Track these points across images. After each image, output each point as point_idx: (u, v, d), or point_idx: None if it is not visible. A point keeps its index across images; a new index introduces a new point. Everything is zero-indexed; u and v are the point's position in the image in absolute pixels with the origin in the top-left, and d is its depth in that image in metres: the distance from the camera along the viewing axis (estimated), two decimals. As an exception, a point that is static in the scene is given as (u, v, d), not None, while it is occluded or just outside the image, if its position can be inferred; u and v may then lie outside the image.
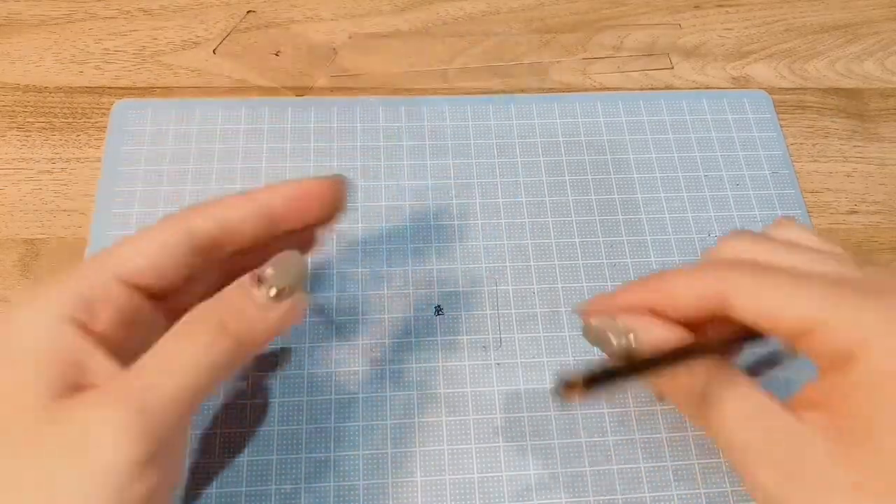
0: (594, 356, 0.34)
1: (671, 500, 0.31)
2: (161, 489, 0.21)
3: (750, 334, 0.23)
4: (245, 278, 0.23)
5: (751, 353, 0.25)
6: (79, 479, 0.19)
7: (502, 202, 0.38)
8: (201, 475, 0.30)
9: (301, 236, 0.27)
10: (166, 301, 0.24)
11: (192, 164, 0.38)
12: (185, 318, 0.22)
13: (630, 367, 0.22)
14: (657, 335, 0.24)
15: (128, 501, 0.19)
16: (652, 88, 0.43)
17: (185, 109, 0.39)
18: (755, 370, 0.27)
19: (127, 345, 0.22)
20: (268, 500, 0.30)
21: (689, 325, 0.24)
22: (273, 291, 0.23)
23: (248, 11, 0.44)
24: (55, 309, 0.21)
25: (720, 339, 0.24)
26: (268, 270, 0.23)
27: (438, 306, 0.35)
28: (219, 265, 0.25)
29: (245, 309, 0.22)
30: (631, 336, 0.24)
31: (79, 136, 0.39)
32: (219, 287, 0.23)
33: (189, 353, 0.21)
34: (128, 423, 0.19)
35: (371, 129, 0.40)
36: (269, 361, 0.33)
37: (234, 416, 0.32)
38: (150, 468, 0.20)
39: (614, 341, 0.24)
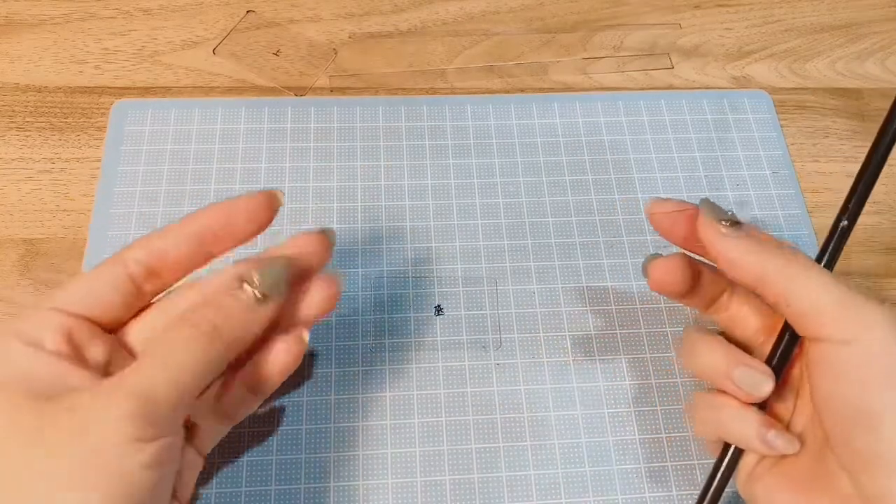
0: (593, 360, 0.34)
1: (671, 500, 0.31)
2: (164, 479, 0.21)
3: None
4: (230, 278, 0.24)
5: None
6: (79, 455, 0.20)
7: (502, 202, 0.38)
8: (201, 475, 0.30)
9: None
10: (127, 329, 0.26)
11: (192, 164, 0.38)
12: (178, 318, 0.23)
13: None
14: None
15: (129, 479, 0.20)
16: (652, 88, 0.43)
17: (185, 109, 0.39)
18: None
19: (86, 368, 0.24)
20: (268, 500, 0.30)
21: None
22: (258, 294, 0.24)
23: (248, 11, 0.43)
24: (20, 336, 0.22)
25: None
26: (253, 275, 0.24)
27: (438, 306, 0.35)
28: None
29: (233, 312, 0.24)
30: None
31: (78, 136, 0.39)
32: None
33: (181, 353, 0.22)
34: (127, 406, 0.20)
35: (371, 129, 0.40)
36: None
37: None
38: (151, 451, 0.21)
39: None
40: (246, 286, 0.24)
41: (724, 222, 0.26)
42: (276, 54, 0.42)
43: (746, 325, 0.28)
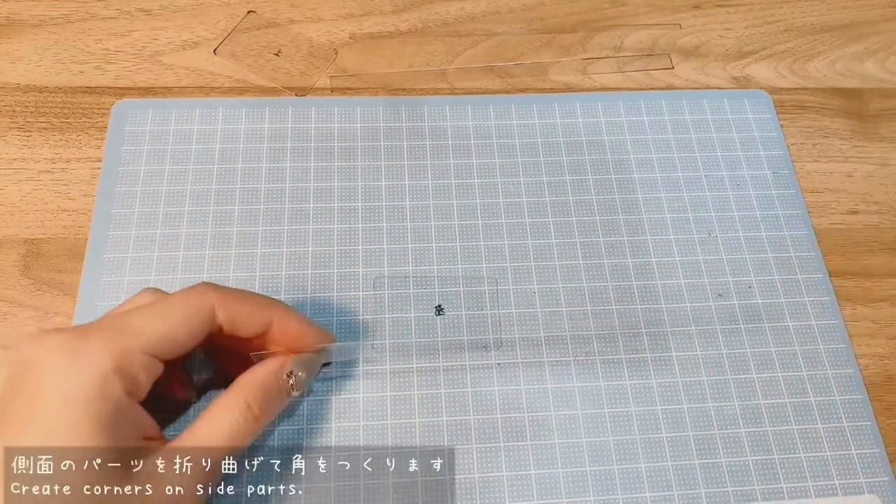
0: (593, 360, 0.34)
1: (671, 500, 0.31)
2: None
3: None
4: (280, 368, 0.28)
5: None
6: None
7: (502, 202, 0.38)
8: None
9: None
10: None
11: (192, 164, 0.38)
12: (235, 399, 0.26)
13: None
14: None
15: None
16: (652, 88, 0.43)
17: (185, 109, 0.39)
18: None
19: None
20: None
21: None
22: (293, 387, 0.28)
23: (249, 11, 0.44)
24: (99, 367, 0.24)
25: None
26: (299, 374, 0.28)
27: (438, 306, 0.35)
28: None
29: (276, 397, 0.28)
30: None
31: (79, 136, 0.39)
32: None
33: (226, 427, 0.26)
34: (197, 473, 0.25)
35: (371, 129, 0.40)
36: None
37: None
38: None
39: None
40: (285, 377, 0.28)
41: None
42: (276, 55, 0.42)
43: None
